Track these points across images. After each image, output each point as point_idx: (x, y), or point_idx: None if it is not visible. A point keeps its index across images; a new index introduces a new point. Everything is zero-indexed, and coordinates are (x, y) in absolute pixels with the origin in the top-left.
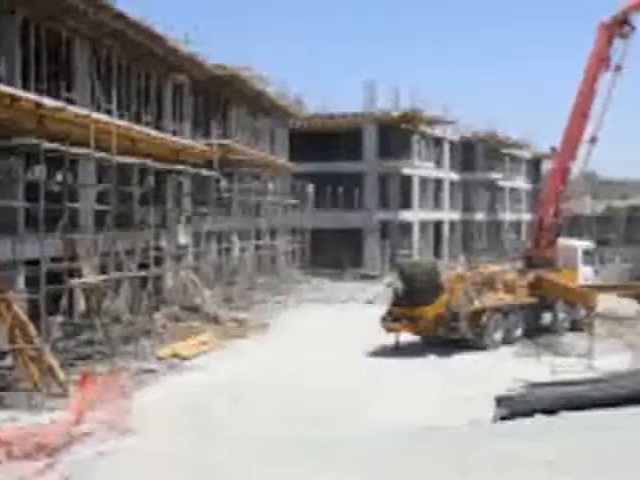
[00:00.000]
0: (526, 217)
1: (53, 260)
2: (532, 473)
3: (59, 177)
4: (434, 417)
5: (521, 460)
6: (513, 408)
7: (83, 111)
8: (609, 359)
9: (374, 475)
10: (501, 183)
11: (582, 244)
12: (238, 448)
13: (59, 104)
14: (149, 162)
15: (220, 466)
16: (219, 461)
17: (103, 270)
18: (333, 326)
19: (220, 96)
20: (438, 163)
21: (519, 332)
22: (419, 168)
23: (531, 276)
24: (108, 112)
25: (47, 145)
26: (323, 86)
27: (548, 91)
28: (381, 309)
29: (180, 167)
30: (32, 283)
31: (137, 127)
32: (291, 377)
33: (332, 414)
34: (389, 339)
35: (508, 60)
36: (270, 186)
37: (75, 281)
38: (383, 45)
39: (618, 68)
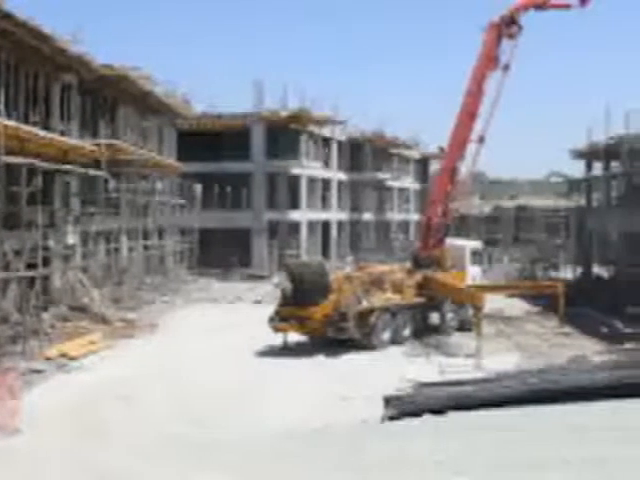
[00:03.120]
0: (414, 217)
1: None
2: (422, 473)
3: None
4: (322, 417)
5: (410, 460)
6: (401, 408)
7: None
8: (497, 359)
9: (261, 476)
10: (389, 183)
11: (470, 244)
12: (126, 448)
13: None
14: (37, 162)
15: (108, 466)
16: (107, 461)
17: None
18: (221, 326)
19: (108, 96)
20: (326, 163)
21: (407, 332)
22: (307, 168)
23: (419, 276)
24: None
25: None
26: (211, 86)
27: (435, 91)
28: (269, 309)
29: (68, 167)
30: None
31: (25, 127)
32: (179, 377)
33: (219, 414)
34: (277, 339)
35: (395, 60)
36: (158, 186)
37: None
38: (271, 45)
39: (506, 68)
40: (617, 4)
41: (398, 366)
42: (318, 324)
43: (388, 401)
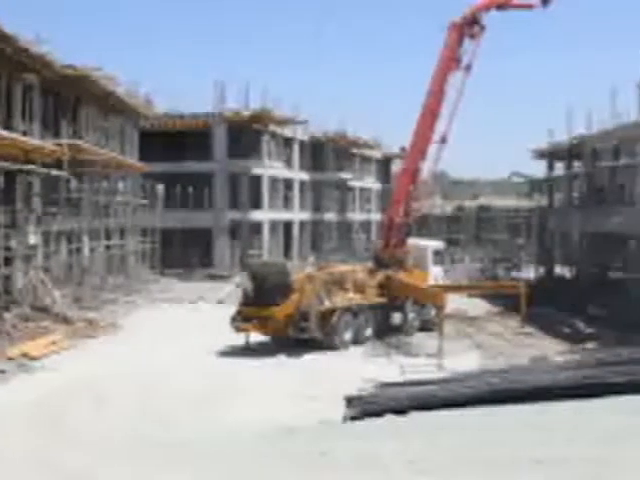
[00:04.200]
0: (376, 217)
1: None
2: (384, 473)
3: None
4: (284, 417)
5: (372, 460)
6: (363, 408)
7: None
8: (459, 359)
9: (225, 477)
10: (351, 183)
11: (432, 244)
12: (89, 449)
13: None
14: None
15: (71, 467)
16: (70, 461)
17: None
18: (184, 326)
19: (70, 96)
20: (288, 163)
21: (369, 332)
22: (269, 168)
23: (381, 276)
24: None
25: None
26: (173, 86)
27: (398, 91)
28: (231, 309)
29: (30, 167)
30: None
31: None
32: (142, 377)
33: (181, 414)
34: (239, 339)
35: (358, 61)
36: (120, 186)
37: None
38: (232, 45)
39: (468, 68)
40: (579, 5)
41: (360, 366)
42: (280, 324)
43: (350, 401)
